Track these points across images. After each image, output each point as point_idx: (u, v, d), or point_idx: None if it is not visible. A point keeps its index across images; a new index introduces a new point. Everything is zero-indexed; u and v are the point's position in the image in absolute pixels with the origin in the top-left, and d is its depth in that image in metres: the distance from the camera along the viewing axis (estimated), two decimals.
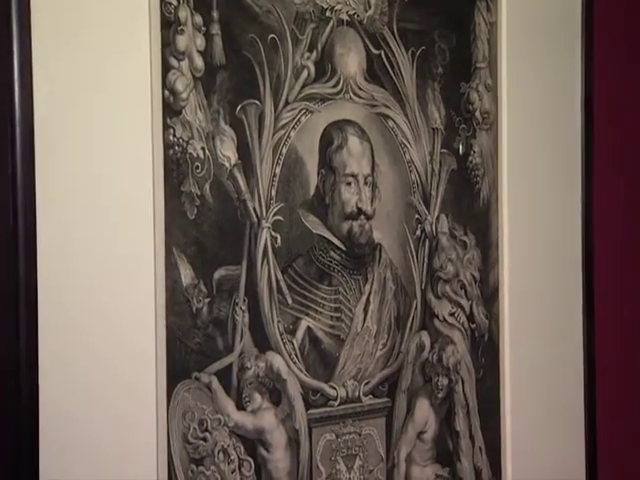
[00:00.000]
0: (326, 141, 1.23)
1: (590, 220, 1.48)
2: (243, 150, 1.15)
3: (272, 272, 1.18)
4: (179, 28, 1.10)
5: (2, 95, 0.99)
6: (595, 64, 1.48)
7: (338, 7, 1.24)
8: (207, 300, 1.13)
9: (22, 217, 0.99)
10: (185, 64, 1.11)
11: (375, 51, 1.27)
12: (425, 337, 1.33)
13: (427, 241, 1.33)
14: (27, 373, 0.99)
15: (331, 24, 1.23)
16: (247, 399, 1.16)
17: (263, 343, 1.17)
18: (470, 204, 1.37)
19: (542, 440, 1.44)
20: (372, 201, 1.26)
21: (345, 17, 1.24)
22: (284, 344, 1.19)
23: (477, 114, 1.38)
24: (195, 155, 1.11)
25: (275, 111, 1.18)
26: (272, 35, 1.18)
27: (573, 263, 1.48)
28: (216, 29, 1.13)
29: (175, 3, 1.10)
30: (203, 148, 1.12)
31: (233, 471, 1.14)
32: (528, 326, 1.43)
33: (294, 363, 1.20)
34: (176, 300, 1.10)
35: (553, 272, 1.46)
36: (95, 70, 1.04)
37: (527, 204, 1.42)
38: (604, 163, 1.51)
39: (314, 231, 1.22)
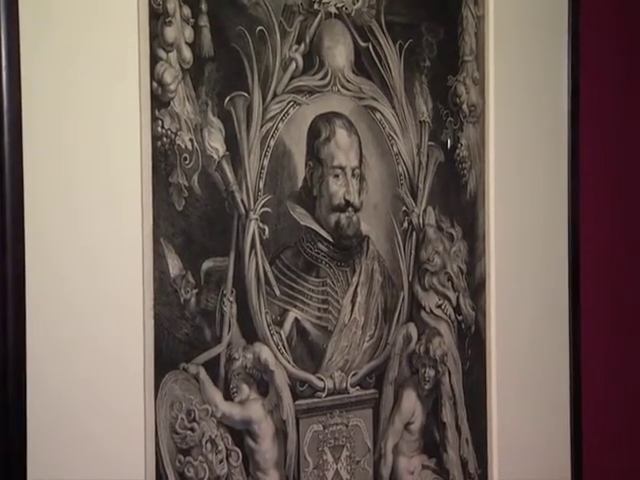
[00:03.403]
0: (314, 133, 1.23)
1: (577, 213, 1.49)
2: (231, 142, 1.15)
3: (260, 264, 1.18)
4: (167, 20, 1.10)
5: None
6: (582, 57, 1.48)
7: (326, 0, 1.23)
8: (195, 291, 1.13)
9: (9, 208, 0.99)
10: (173, 56, 1.10)
11: (363, 44, 1.27)
12: (412, 329, 1.33)
13: (414, 233, 1.33)
14: (15, 365, 0.99)
15: (319, 17, 1.23)
16: (235, 390, 1.16)
17: (251, 334, 1.17)
18: (457, 197, 1.38)
19: (528, 431, 1.44)
20: (360, 193, 1.26)
21: (333, 10, 1.24)
22: (272, 335, 1.19)
23: (464, 107, 1.38)
24: (183, 147, 1.11)
25: (263, 103, 1.18)
26: (260, 27, 1.17)
27: (560, 256, 1.48)
28: (204, 21, 1.13)
29: None
30: (191, 140, 1.12)
31: (221, 461, 1.14)
32: (515, 318, 1.43)
33: (282, 354, 1.20)
34: (164, 291, 1.10)
35: (540, 265, 1.46)
36: (82, 61, 1.04)
37: (514, 197, 1.43)
38: (591, 156, 1.51)
39: (302, 223, 1.22)
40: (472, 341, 1.40)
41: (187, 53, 1.12)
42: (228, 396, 1.16)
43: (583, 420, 1.50)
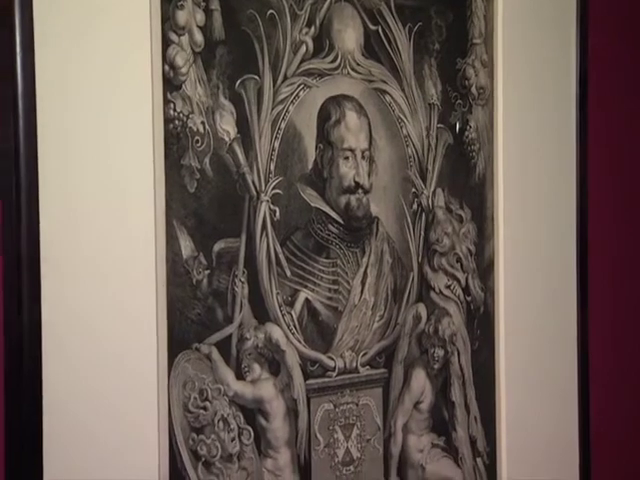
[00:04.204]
0: (324, 116, 1.23)
1: (585, 193, 1.48)
2: (242, 124, 1.15)
3: (271, 245, 1.18)
4: (179, 3, 1.10)
5: (5, 74, 0.99)
6: (590, 40, 1.47)
7: None
8: (207, 272, 1.13)
9: (25, 190, 0.99)
10: (185, 39, 1.10)
11: (372, 27, 1.27)
12: (421, 309, 1.33)
13: (423, 215, 1.33)
14: (30, 346, 1.00)
15: (329, 0, 1.23)
16: (246, 369, 1.17)
17: (262, 314, 1.18)
18: (466, 178, 1.38)
19: (536, 410, 1.44)
20: (369, 175, 1.26)
21: None
22: (283, 316, 1.19)
23: (473, 89, 1.37)
24: (195, 129, 1.11)
25: (274, 86, 1.18)
26: (271, 10, 1.17)
27: (567, 235, 1.48)
28: (216, 4, 1.13)
29: None
30: (203, 122, 1.12)
31: (233, 439, 1.15)
32: (523, 298, 1.43)
33: (293, 334, 1.20)
34: (176, 272, 1.10)
35: (547, 245, 1.46)
36: (95, 45, 1.04)
37: (522, 178, 1.43)
38: (598, 138, 1.51)
39: (312, 204, 1.22)
40: (481, 321, 1.40)
41: (198, 36, 1.12)
42: (240, 375, 1.16)
43: (591, 397, 1.50)
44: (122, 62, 1.06)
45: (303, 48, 1.20)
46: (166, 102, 1.09)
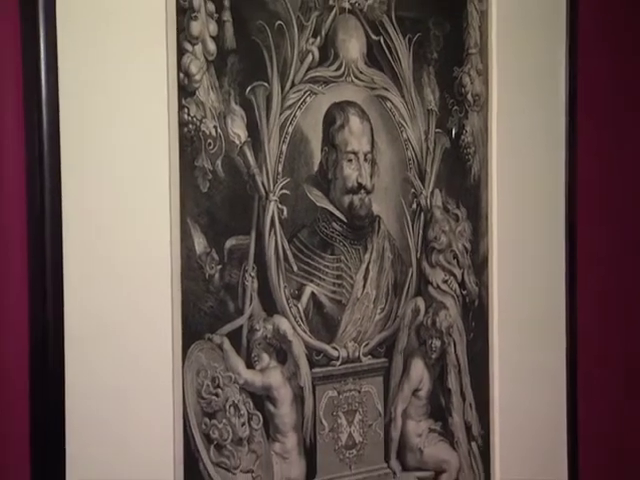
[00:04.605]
0: (329, 121, 1.22)
1: (573, 193, 1.47)
2: (252, 128, 1.15)
3: (279, 242, 1.17)
4: (193, 15, 1.09)
5: (30, 77, 0.99)
6: (579, 50, 1.47)
7: None
8: (219, 267, 1.12)
9: (48, 190, 0.99)
10: (199, 48, 1.10)
11: (375, 37, 1.26)
12: (420, 302, 1.32)
13: (422, 214, 1.32)
14: (54, 336, 1.00)
15: (334, 12, 1.22)
16: (256, 358, 1.16)
17: (271, 307, 1.17)
18: (462, 180, 1.37)
19: (527, 397, 1.44)
20: (371, 176, 1.26)
21: (347, 5, 1.23)
22: (290, 308, 1.19)
23: (469, 96, 1.37)
24: (208, 133, 1.11)
25: (282, 92, 1.17)
26: (279, 22, 1.17)
27: (556, 233, 1.47)
28: (227, 16, 1.12)
29: None
30: (215, 126, 1.11)
31: (243, 424, 1.14)
32: (515, 292, 1.42)
33: (299, 326, 1.20)
34: (190, 267, 1.10)
35: (538, 243, 1.45)
36: (115, 54, 1.04)
37: (514, 180, 1.42)
38: (586, 141, 1.50)
39: (318, 204, 1.21)
40: (475, 314, 1.39)
41: (211, 46, 1.11)
42: (250, 364, 1.15)
43: (578, 384, 1.49)
44: (140, 70, 1.06)
45: (309, 57, 1.20)
46: (181, 107, 1.09)
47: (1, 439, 1.00)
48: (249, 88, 1.14)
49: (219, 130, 1.12)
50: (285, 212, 1.18)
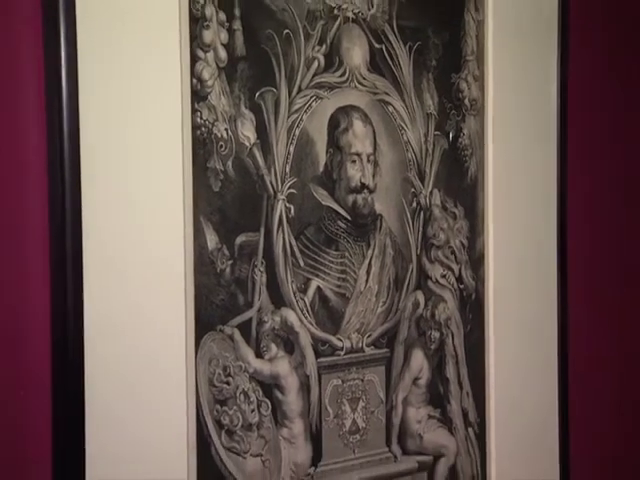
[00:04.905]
0: (334, 124, 1.22)
1: (564, 193, 1.47)
2: (261, 131, 1.14)
3: (286, 238, 1.17)
4: (205, 24, 1.09)
5: (52, 81, 0.99)
6: (570, 57, 1.46)
7: (344, 6, 1.22)
8: (230, 262, 1.12)
9: (69, 191, 0.99)
10: (210, 55, 1.10)
11: (377, 45, 1.26)
12: (420, 296, 1.32)
13: (422, 212, 1.32)
14: (74, 328, 1.00)
15: (338, 21, 1.22)
16: (265, 349, 1.16)
17: (278, 300, 1.17)
18: (460, 180, 1.36)
19: (521, 385, 1.44)
20: (374, 177, 1.25)
21: (351, 15, 1.23)
22: (297, 301, 1.19)
23: (466, 101, 1.36)
24: (219, 135, 1.11)
25: (289, 97, 1.17)
26: (287, 30, 1.16)
27: (549, 231, 1.47)
28: (238, 25, 1.12)
29: (202, 2, 1.09)
30: (226, 129, 1.11)
31: (252, 411, 1.14)
32: (509, 286, 1.42)
33: (305, 318, 1.19)
34: (203, 262, 1.10)
35: (531, 240, 1.45)
36: (132, 62, 1.04)
37: (509, 180, 1.41)
38: (577, 143, 1.50)
39: (323, 203, 1.21)
40: (472, 307, 1.39)
41: (222, 53, 1.11)
42: (259, 354, 1.15)
43: (569, 374, 1.49)
44: (156, 76, 1.05)
45: (315, 64, 1.20)
46: (194, 111, 1.09)
47: (25, 422, 1.01)
48: (258, 93, 1.14)
49: (230, 133, 1.12)
50: (292, 210, 1.18)
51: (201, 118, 1.09)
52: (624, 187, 1.62)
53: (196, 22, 1.09)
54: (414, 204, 1.31)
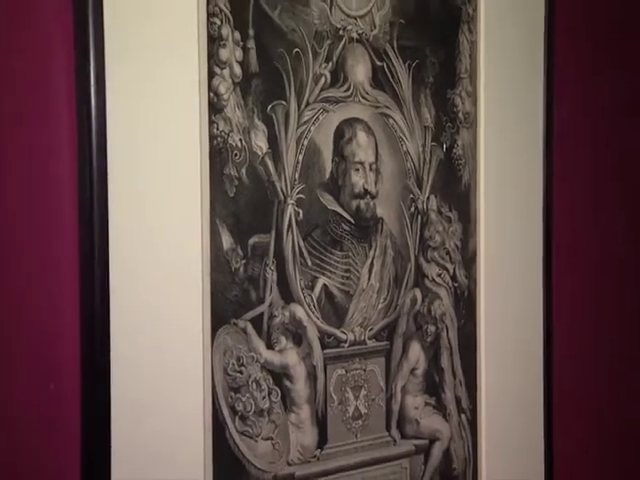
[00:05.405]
0: (339, 135, 1.21)
1: (550, 198, 1.46)
2: (272, 141, 1.14)
3: (295, 240, 1.16)
4: (222, 43, 1.09)
5: (83, 101, 0.99)
6: (555, 75, 1.46)
7: (349, 27, 1.21)
8: (243, 261, 1.11)
9: (97, 196, 0.99)
10: (227, 72, 1.09)
11: (379, 63, 1.25)
12: (417, 293, 1.31)
13: (419, 216, 1.31)
14: (101, 322, 1.00)
15: (344, 41, 1.21)
16: (275, 341, 1.15)
17: (288, 296, 1.16)
18: (454, 187, 1.35)
19: (509, 374, 1.43)
20: (376, 184, 1.25)
21: (355, 35, 1.22)
22: (305, 297, 1.18)
23: (460, 115, 1.35)
24: (234, 145, 1.10)
25: (298, 110, 1.16)
26: (296, 49, 1.16)
27: (535, 233, 1.46)
28: (252, 44, 1.11)
29: (219, 23, 1.08)
30: (240, 139, 1.11)
31: (264, 398, 1.14)
32: (499, 285, 1.41)
33: (312, 313, 1.19)
34: (218, 261, 1.09)
35: (519, 242, 1.44)
36: (155, 78, 1.03)
37: (499, 188, 1.40)
38: (562, 153, 1.49)
39: (329, 207, 1.20)
40: (465, 303, 1.38)
41: (237, 69, 1.10)
42: (269, 346, 1.15)
43: (553, 363, 1.48)
44: (177, 91, 1.05)
45: (322, 80, 1.19)
46: (211, 123, 1.08)
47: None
48: (270, 106, 1.14)
49: (244, 142, 1.11)
50: (301, 214, 1.17)
51: (218, 129, 1.09)
52: (605, 193, 1.61)
53: (213, 41, 1.08)
54: (412, 209, 1.30)
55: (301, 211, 1.17)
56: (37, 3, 0.98)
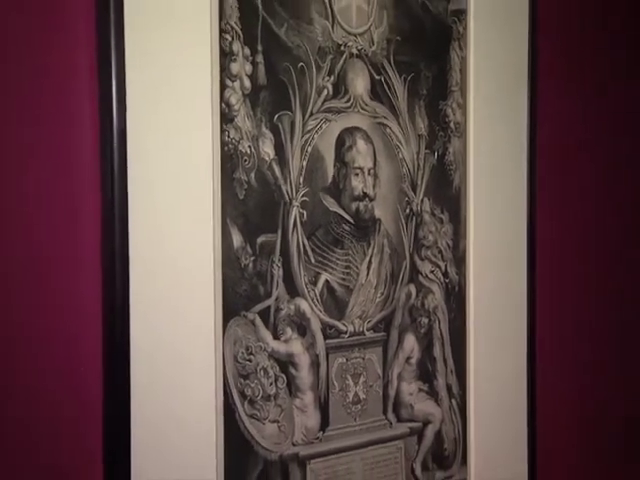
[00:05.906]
0: (340, 142, 1.20)
1: (534, 201, 1.45)
2: (279, 148, 1.13)
3: (300, 239, 1.16)
4: (233, 57, 1.08)
5: (105, 106, 0.98)
6: (538, 87, 1.45)
7: (350, 44, 1.20)
8: (252, 259, 1.11)
9: (117, 197, 0.99)
10: (237, 84, 1.08)
11: (377, 76, 1.24)
12: (412, 288, 1.30)
13: (414, 217, 1.30)
14: (121, 317, 0.99)
15: (345, 56, 1.20)
16: (281, 332, 1.14)
17: (293, 291, 1.15)
18: (446, 191, 1.34)
19: (495, 363, 1.41)
20: (374, 187, 1.24)
21: (355, 51, 1.21)
22: (308, 292, 1.17)
23: (451, 124, 1.34)
24: (244, 151, 1.09)
25: (303, 120, 1.15)
26: (301, 63, 1.15)
27: (519, 233, 1.45)
28: (260, 58, 1.11)
29: (230, 39, 1.08)
30: (249, 146, 1.10)
31: (271, 384, 1.13)
32: (486, 281, 1.40)
33: (315, 306, 1.18)
34: (229, 258, 1.08)
35: (505, 242, 1.43)
36: (173, 91, 1.03)
37: (487, 191, 1.39)
38: (546, 160, 1.48)
39: (331, 209, 1.19)
40: (456, 297, 1.36)
41: (247, 82, 1.09)
42: (276, 336, 1.14)
43: (536, 352, 1.47)
44: (191, 102, 1.04)
45: (325, 92, 1.18)
46: (223, 131, 1.07)
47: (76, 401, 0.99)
48: (277, 116, 1.13)
49: (253, 149, 1.10)
50: (305, 215, 1.16)
51: (229, 137, 1.08)
52: (589, 195, 1.59)
53: (225, 56, 1.07)
54: (407, 210, 1.29)
55: (305, 212, 1.16)
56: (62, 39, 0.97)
